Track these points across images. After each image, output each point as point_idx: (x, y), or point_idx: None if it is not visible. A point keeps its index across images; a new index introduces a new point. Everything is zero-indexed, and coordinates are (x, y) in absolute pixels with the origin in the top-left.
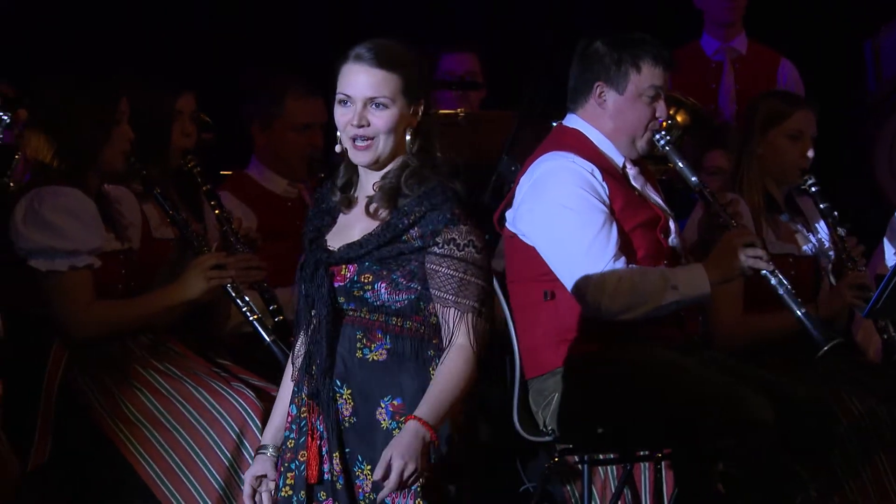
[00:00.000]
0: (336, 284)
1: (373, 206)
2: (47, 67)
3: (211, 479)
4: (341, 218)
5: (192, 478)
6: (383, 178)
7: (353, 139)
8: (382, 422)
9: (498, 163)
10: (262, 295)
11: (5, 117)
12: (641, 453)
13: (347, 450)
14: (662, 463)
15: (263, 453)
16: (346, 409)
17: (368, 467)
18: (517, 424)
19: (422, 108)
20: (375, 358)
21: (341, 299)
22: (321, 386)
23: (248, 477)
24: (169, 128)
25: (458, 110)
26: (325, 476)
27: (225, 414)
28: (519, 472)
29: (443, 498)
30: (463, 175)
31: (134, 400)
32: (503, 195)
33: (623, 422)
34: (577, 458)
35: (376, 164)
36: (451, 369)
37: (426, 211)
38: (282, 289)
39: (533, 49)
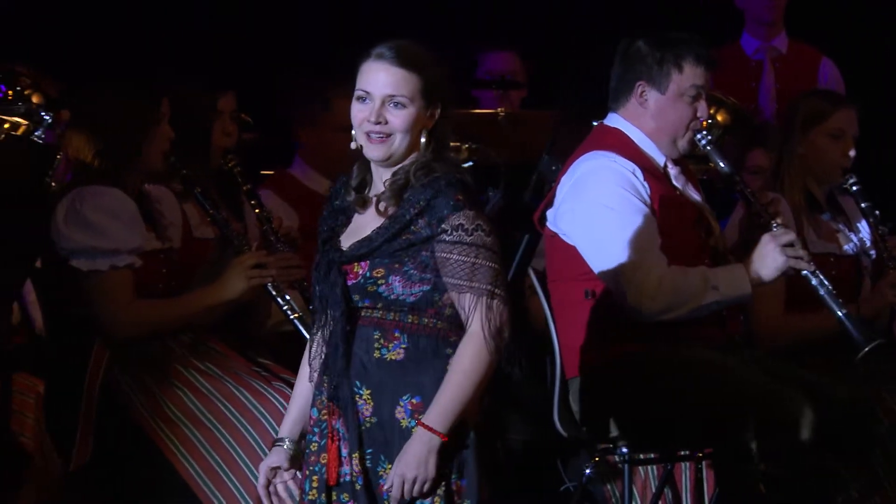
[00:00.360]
0: (349, 282)
1: (382, 204)
2: (90, 67)
3: (251, 479)
4: (356, 218)
5: (232, 477)
6: (394, 175)
7: (368, 134)
8: (402, 420)
9: (538, 162)
10: (302, 294)
11: (47, 117)
12: (682, 453)
13: (370, 450)
14: (703, 463)
15: (280, 445)
16: (367, 410)
17: (390, 466)
18: (557, 424)
19: (438, 111)
20: (393, 357)
21: (355, 297)
22: (340, 387)
23: (263, 468)
24: (209, 127)
25: (499, 110)
26: (346, 478)
27: (266, 413)
28: (559, 471)
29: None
30: (504, 174)
31: (175, 399)
32: (544, 194)
33: (664, 421)
34: (617, 458)
35: (389, 161)
36: (461, 366)
37: (430, 198)
38: None
39: (573, 48)
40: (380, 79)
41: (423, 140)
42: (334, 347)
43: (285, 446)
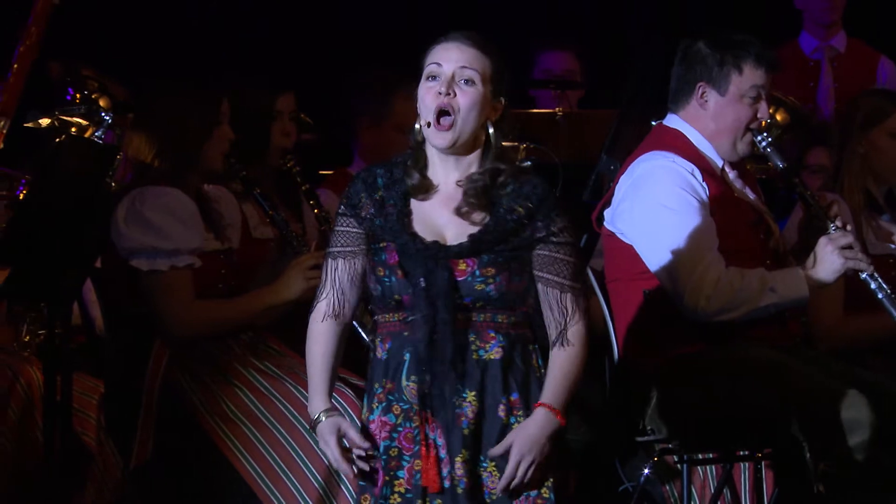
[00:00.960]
0: (458, 279)
1: (464, 210)
2: (151, 68)
3: (311, 478)
4: (416, 206)
5: (292, 476)
6: (469, 180)
7: (437, 116)
8: (504, 418)
9: (597, 162)
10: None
11: (107, 118)
12: (741, 453)
13: (472, 452)
14: (762, 463)
15: (332, 416)
16: (471, 412)
17: (493, 465)
18: (616, 424)
19: (502, 105)
20: (492, 357)
21: (460, 293)
22: (442, 390)
23: (332, 447)
24: (269, 128)
25: (557, 109)
26: (445, 483)
27: None
28: (618, 471)
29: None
30: (562, 174)
31: (234, 398)
32: (602, 194)
33: (723, 421)
34: (676, 458)
35: (453, 148)
36: (572, 354)
37: (535, 210)
38: None
39: (632, 48)
40: (452, 54)
41: (491, 131)
42: (439, 349)
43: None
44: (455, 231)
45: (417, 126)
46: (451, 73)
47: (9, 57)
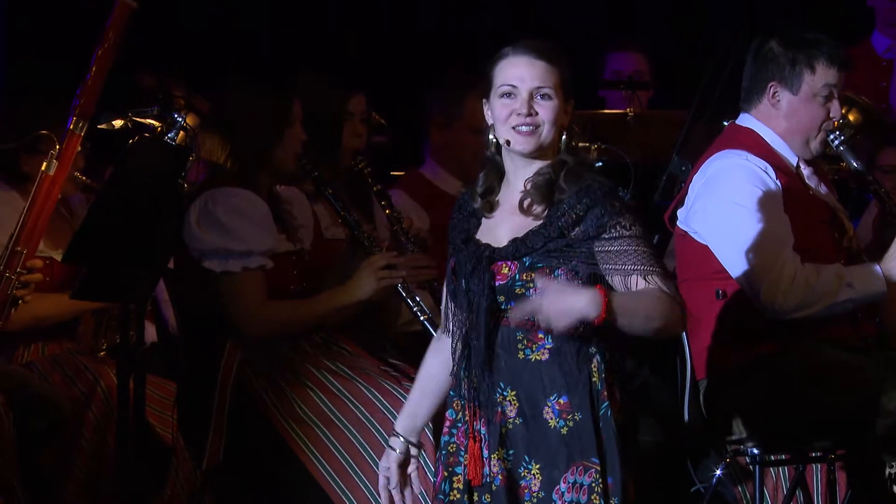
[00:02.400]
0: (497, 283)
1: (527, 202)
2: (224, 69)
3: None
4: (485, 222)
5: (363, 477)
6: (536, 174)
7: (515, 128)
8: (550, 420)
9: (668, 162)
10: (432, 294)
11: (180, 119)
12: (814, 454)
13: (511, 451)
14: (835, 464)
15: (394, 443)
16: (511, 410)
17: (537, 467)
18: (688, 425)
19: (571, 109)
20: (538, 358)
21: (501, 298)
22: (481, 387)
23: (391, 472)
24: (340, 129)
25: (627, 110)
26: (486, 479)
27: (396, 413)
28: (690, 472)
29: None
30: (633, 174)
31: (306, 399)
32: (673, 195)
33: (796, 422)
34: (748, 459)
35: (536, 153)
36: (651, 293)
37: (587, 208)
38: None
39: (702, 48)
40: (525, 72)
41: (563, 137)
42: (476, 348)
43: (398, 450)
44: (513, 233)
45: (491, 137)
46: (527, 94)
47: (87, 60)
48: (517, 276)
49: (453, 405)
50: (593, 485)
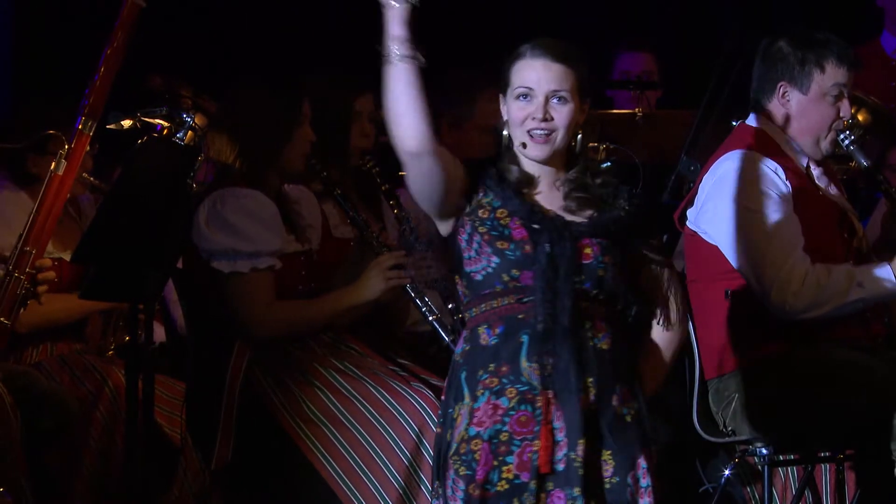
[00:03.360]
0: (584, 262)
1: (573, 205)
2: (232, 69)
3: (391, 479)
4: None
5: (372, 477)
6: (569, 179)
7: (530, 132)
8: (617, 408)
9: (676, 162)
10: (441, 294)
11: (188, 119)
12: (823, 454)
13: (587, 437)
14: (844, 464)
15: None
16: (590, 397)
17: (608, 453)
18: (697, 425)
19: (587, 108)
20: (603, 347)
21: (581, 277)
22: (561, 373)
23: None
24: (349, 129)
25: (636, 110)
26: (559, 465)
27: (405, 413)
28: (699, 472)
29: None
30: (642, 174)
31: (315, 399)
32: (682, 195)
33: (805, 422)
34: (757, 459)
35: (549, 159)
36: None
37: (629, 209)
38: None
39: (710, 48)
40: (541, 75)
41: (579, 138)
42: (562, 332)
43: None
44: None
45: (506, 133)
46: (543, 97)
47: (97, 60)
48: (600, 257)
49: (506, 393)
50: (652, 468)
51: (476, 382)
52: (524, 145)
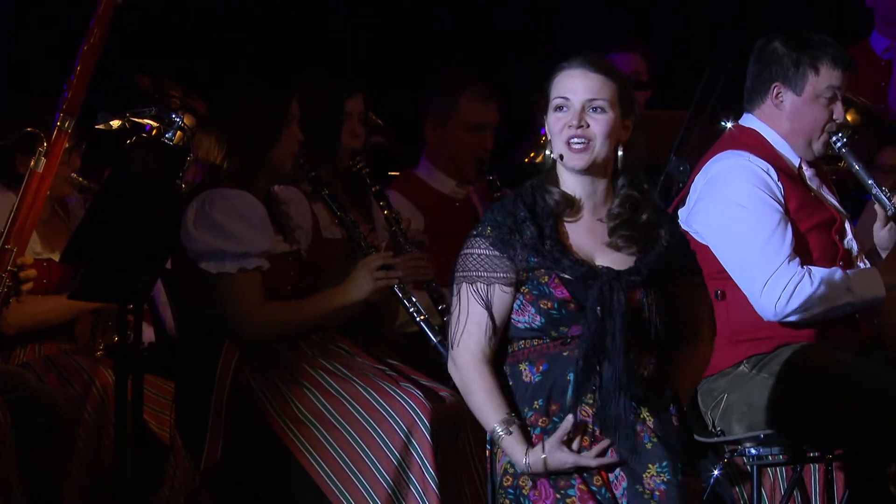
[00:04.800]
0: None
1: (619, 242)
2: (220, 69)
3: (380, 479)
4: (571, 228)
5: (361, 477)
6: (612, 214)
7: (568, 141)
8: (678, 425)
9: (666, 163)
10: (430, 294)
11: (177, 119)
12: (812, 454)
13: (665, 463)
14: (833, 464)
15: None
16: (650, 426)
17: (680, 477)
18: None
19: (631, 125)
20: (650, 373)
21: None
22: (613, 409)
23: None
24: (339, 129)
25: None
26: (623, 501)
27: (394, 413)
28: None
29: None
30: None
31: (303, 399)
32: (671, 195)
33: (794, 422)
34: (746, 460)
35: (590, 169)
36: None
37: (671, 240)
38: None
39: (700, 48)
40: (578, 85)
41: (620, 154)
42: (612, 371)
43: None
44: (611, 259)
45: (548, 152)
46: (580, 105)
47: (74, 57)
48: (644, 300)
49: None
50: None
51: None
52: (562, 157)
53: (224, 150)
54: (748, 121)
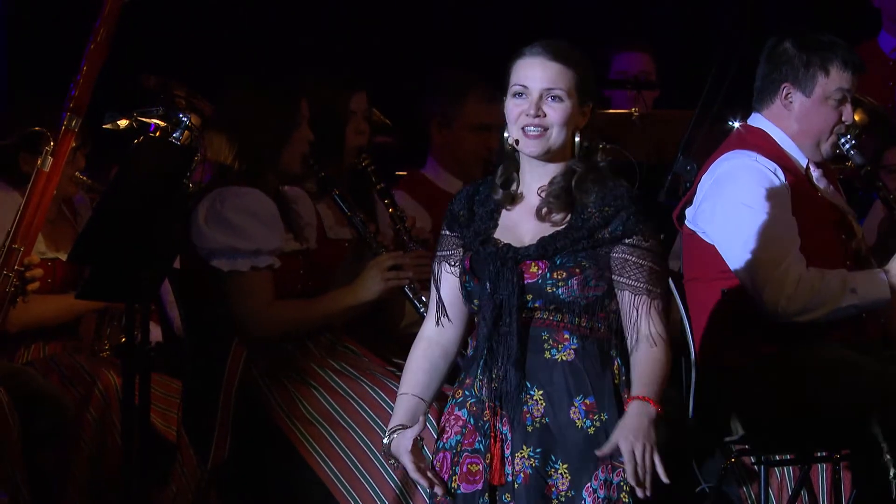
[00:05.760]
0: (526, 281)
1: (545, 210)
2: (229, 69)
3: (387, 479)
4: (505, 216)
5: (368, 477)
6: (550, 183)
7: (524, 128)
8: (577, 421)
9: (673, 162)
10: None
11: (185, 119)
12: (819, 454)
13: (538, 449)
14: (840, 464)
15: (400, 430)
16: (537, 410)
17: (565, 466)
18: (693, 425)
19: (590, 110)
20: (564, 358)
21: (529, 296)
22: (506, 386)
23: (406, 457)
24: (344, 127)
25: (633, 110)
26: (508, 477)
27: None
28: (695, 472)
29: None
30: (639, 174)
31: (311, 399)
32: (678, 195)
33: (801, 422)
34: (753, 459)
35: (546, 156)
36: (655, 353)
37: (617, 210)
38: None
39: (707, 48)
40: (537, 73)
41: (577, 140)
42: (505, 346)
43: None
44: (533, 235)
45: (506, 135)
46: (537, 94)
47: (80, 56)
48: (548, 275)
49: (466, 405)
50: (622, 483)
51: (454, 392)
52: (517, 142)
53: (235, 150)
54: (756, 121)
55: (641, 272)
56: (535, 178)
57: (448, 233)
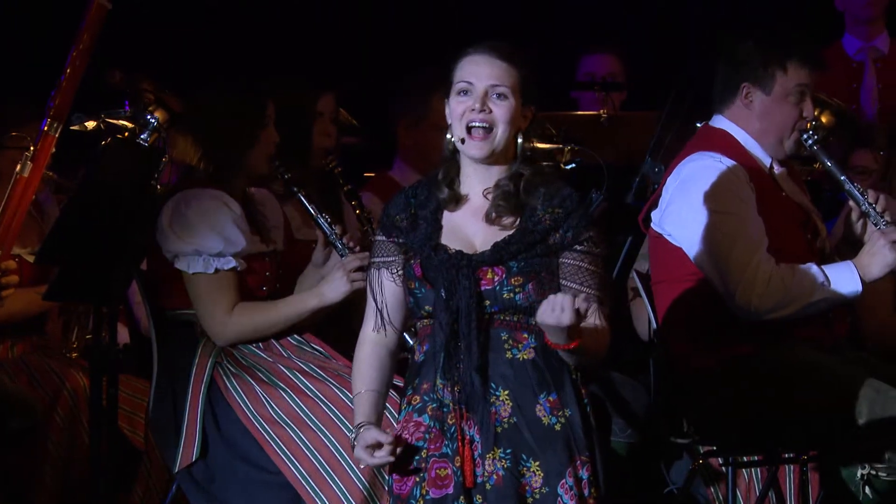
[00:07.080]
0: (483, 288)
1: (493, 215)
2: (196, 71)
3: (354, 479)
4: (447, 218)
5: (336, 478)
6: (496, 186)
7: (469, 129)
8: (543, 418)
9: (641, 164)
10: None
11: (152, 120)
12: (787, 455)
13: (508, 450)
14: (808, 465)
15: (368, 427)
16: (504, 411)
17: (536, 464)
18: (661, 426)
19: (532, 113)
20: (525, 357)
21: (487, 302)
22: (470, 389)
23: (362, 452)
24: (311, 129)
25: (601, 111)
26: (479, 479)
27: None
28: (663, 474)
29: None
30: (606, 176)
31: (278, 400)
32: (646, 196)
33: (768, 423)
34: (721, 461)
35: (490, 158)
36: (603, 329)
37: (567, 214)
38: None
39: (675, 50)
40: (483, 70)
41: (520, 141)
42: (466, 351)
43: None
44: (483, 239)
45: (449, 136)
46: (483, 90)
47: (62, 61)
48: (505, 281)
49: (427, 410)
50: (591, 478)
51: (404, 397)
52: (462, 141)
53: (200, 151)
54: (718, 122)
55: (594, 279)
56: (478, 181)
57: (384, 238)
